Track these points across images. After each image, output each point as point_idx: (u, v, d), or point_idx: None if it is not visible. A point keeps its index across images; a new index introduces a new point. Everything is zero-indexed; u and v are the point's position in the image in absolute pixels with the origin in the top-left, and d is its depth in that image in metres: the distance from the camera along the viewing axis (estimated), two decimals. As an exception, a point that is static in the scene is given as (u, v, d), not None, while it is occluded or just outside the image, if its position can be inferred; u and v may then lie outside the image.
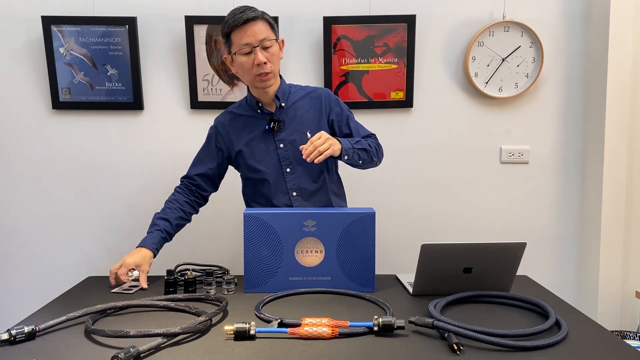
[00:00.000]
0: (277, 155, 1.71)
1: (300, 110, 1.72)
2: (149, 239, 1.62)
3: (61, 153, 2.33)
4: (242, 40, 1.57)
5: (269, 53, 1.59)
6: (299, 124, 1.71)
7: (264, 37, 1.57)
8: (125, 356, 1.01)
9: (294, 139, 1.69)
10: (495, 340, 1.10)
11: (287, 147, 1.70)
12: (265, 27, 1.58)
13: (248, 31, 1.56)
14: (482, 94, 2.31)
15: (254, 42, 1.56)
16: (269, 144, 1.71)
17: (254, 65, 1.59)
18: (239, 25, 1.55)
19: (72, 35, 2.24)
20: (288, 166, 1.71)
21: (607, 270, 2.28)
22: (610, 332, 1.23)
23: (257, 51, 1.57)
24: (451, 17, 2.30)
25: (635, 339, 2.12)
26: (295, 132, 1.70)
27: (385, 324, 1.16)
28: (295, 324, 1.20)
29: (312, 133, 1.64)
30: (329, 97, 1.76)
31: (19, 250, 2.38)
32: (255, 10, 1.58)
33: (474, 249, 1.41)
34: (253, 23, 1.56)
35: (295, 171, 1.71)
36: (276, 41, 1.62)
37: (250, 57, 1.58)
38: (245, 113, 1.74)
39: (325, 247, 1.50)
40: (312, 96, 1.74)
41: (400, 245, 2.26)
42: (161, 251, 2.37)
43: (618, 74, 2.21)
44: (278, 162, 1.71)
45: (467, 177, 2.39)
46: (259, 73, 1.60)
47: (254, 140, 1.72)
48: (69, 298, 1.48)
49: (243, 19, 1.55)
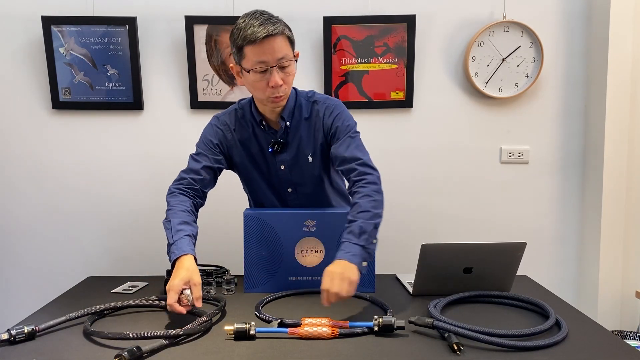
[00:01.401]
0: (278, 177, 1.61)
1: (304, 130, 1.57)
2: (184, 245, 1.36)
3: (61, 153, 2.33)
4: (259, 57, 1.37)
5: (285, 73, 1.42)
6: (302, 145, 1.57)
7: (283, 55, 1.38)
8: (128, 355, 1.01)
9: (295, 161, 1.59)
10: (495, 340, 1.10)
11: (288, 169, 1.60)
12: (285, 44, 1.39)
13: (266, 48, 1.35)
14: (482, 94, 2.31)
15: (271, 62, 1.37)
16: (270, 163, 1.60)
17: (267, 87, 1.41)
18: (259, 41, 1.34)
19: (72, 35, 2.23)
20: (289, 187, 1.63)
21: (607, 270, 2.28)
22: (610, 332, 1.23)
23: (274, 72, 1.39)
24: (451, 17, 2.30)
25: (635, 339, 2.12)
26: (298, 153, 1.58)
27: (385, 324, 1.17)
28: (295, 324, 1.20)
29: (313, 156, 1.57)
30: (329, 114, 1.55)
31: (19, 250, 2.38)
32: (276, 23, 1.37)
33: (474, 249, 1.41)
34: (273, 39, 1.35)
35: (297, 191, 1.64)
36: (294, 59, 1.44)
37: (265, 76, 1.40)
38: (250, 125, 1.59)
39: (325, 247, 1.50)
40: (314, 113, 1.57)
41: (400, 245, 2.26)
42: (161, 251, 2.38)
43: (618, 74, 2.21)
44: (279, 182, 1.62)
45: (467, 177, 2.39)
46: (273, 95, 1.43)
47: (255, 156, 1.60)
48: (69, 298, 1.48)
49: (263, 34, 1.33)
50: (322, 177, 1.63)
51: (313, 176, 1.61)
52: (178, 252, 1.34)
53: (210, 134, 1.60)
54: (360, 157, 1.46)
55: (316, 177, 1.62)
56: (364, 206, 1.37)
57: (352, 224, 1.35)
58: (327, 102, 1.57)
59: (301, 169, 1.60)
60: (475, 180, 2.39)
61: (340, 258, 1.29)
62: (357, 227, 1.33)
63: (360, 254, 1.30)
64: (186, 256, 1.33)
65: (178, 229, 1.40)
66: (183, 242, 1.37)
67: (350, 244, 1.31)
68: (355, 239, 1.32)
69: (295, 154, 1.58)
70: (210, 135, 1.60)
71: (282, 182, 1.62)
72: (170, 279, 1.27)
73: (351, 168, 1.45)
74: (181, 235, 1.38)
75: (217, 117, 1.64)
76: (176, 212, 1.46)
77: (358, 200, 1.39)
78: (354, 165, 1.45)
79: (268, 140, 1.57)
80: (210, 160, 1.56)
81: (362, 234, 1.33)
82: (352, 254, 1.29)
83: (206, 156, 1.57)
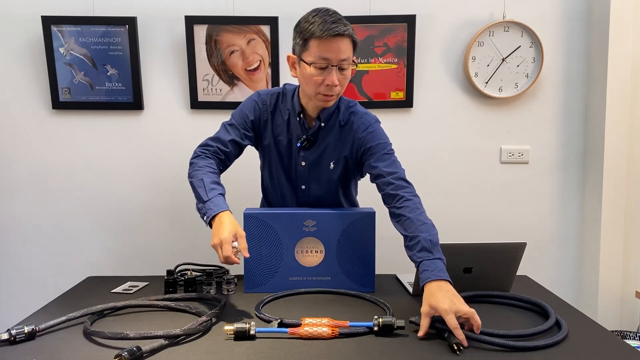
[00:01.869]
0: (297, 171, 1.62)
1: (334, 137, 1.57)
2: (221, 202, 1.39)
3: (61, 153, 2.33)
4: (323, 53, 1.39)
5: (343, 76, 1.44)
6: (327, 150, 1.58)
7: (346, 57, 1.41)
8: (128, 355, 1.01)
9: (317, 163, 1.59)
10: (496, 341, 1.10)
11: (307, 167, 1.60)
12: (349, 47, 1.42)
13: (333, 46, 1.38)
14: (482, 94, 2.31)
15: (333, 61, 1.40)
16: (293, 156, 1.61)
17: (322, 84, 1.43)
18: (326, 37, 1.37)
19: (72, 35, 2.24)
20: (303, 184, 1.64)
21: (607, 270, 2.28)
22: (610, 332, 1.23)
23: (334, 71, 1.41)
24: (451, 17, 2.30)
25: (635, 339, 2.12)
26: (322, 157, 1.59)
27: (385, 324, 1.17)
28: (295, 324, 1.20)
29: (335, 164, 1.58)
30: (363, 129, 1.55)
31: (19, 250, 2.38)
32: (347, 25, 1.40)
33: (474, 249, 1.41)
34: (340, 39, 1.38)
35: (310, 190, 1.64)
36: (354, 64, 1.47)
37: (323, 73, 1.41)
38: (286, 112, 1.59)
39: (325, 247, 1.50)
40: (349, 124, 1.56)
41: (400, 245, 2.25)
42: (161, 251, 2.39)
43: (618, 74, 2.21)
44: (295, 176, 1.63)
45: (467, 177, 2.39)
46: (325, 93, 1.44)
47: (281, 144, 1.60)
48: (69, 298, 1.48)
49: (334, 32, 1.37)
50: (337, 185, 1.64)
51: (329, 181, 1.62)
52: (216, 208, 1.36)
53: (249, 108, 1.60)
54: (396, 171, 1.48)
55: (332, 183, 1.62)
56: (419, 220, 1.35)
57: (415, 240, 1.31)
58: (364, 117, 1.57)
59: (320, 171, 1.61)
60: (475, 180, 2.39)
61: (429, 280, 1.22)
62: (427, 242, 1.29)
63: (444, 268, 1.25)
64: (225, 212, 1.36)
65: (212, 187, 1.42)
66: (219, 200, 1.39)
67: (429, 262, 1.26)
68: (431, 254, 1.28)
69: (318, 156, 1.59)
70: (248, 109, 1.60)
71: (298, 177, 1.63)
72: (215, 235, 1.29)
73: (387, 182, 1.46)
74: (215, 194, 1.40)
75: (259, 93, 1.63)
76: (206, 172, 1.47)
77: (409, 215, 1.36)
78: (390, 179, 1.45)
79: (298, 133, 1.58)
80: (240, 135, 1.57)
81: (435, 246, 1.29)
82: (439, 270, 1.24)
83: (237, 130, 1.58)
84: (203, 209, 1.39)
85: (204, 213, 1.38)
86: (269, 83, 2.29)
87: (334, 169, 1.60)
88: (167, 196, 2.37)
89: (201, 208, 1.40)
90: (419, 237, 1.30)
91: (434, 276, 1.22)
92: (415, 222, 1.34)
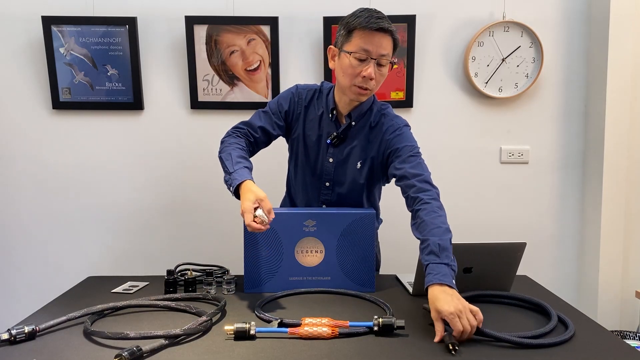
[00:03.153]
0: (323, 167, 1.63)
1: (364, 137, 1.59)
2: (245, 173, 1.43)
3: (61, 153, 2.33)
4: (365, 45, 1.43)
5: (379, 72, 1.47)
6: (355, 149, 1.60)
7: (385, 53, 1.45)
8: (128, 355, 1.01)
9: (344, 161, 1.61)
10: (503, 337, 1.11)
11: (334, 165, 1.62)
12: (390, 45, 1.46)
13: (375, 40, 1.43)
14: (482, 94, 2.31)
15: (374, 54, 1.44)
16: (320, 152, 1.63)
17: (359, 75, 1.45)
18: (370, 29, 1.42)
19: (72, 35, 2.24)
20: (328, 181, 1.64)
21: (607, 270, 2.28)
22: (610, 332, 1.23)
23: (372, 64, 1.44)
24: (451, 17, 2.30)
25: (635, 339, 2.12)
26: (349, 155, 1.60)
27: (385, 324, 1.17)
28: (295, 324, 1.20)
29: (362, 164, 1.59)
30: (392, 131, 1.57)
31: (20, 250, 2.38)
32: (391, 24, 1.46)
33: (474, 249, 1.41)
34: (383, 34, 1.44)
35: (334, 189, 1.65)
36: (391, 63, 1.50)
37: (362, 65, 1.45)
38: (320, 108, 1.62)
39: (325, 247, 1.50)
40: (379, 126, 1.59)
41: (400, 245, 2.26)
42: (161, 251, 2.39)
43: (618, 74, 2.21)
44: (321, 172, 1.64)
45: (467, 177, 2.39)
46: (360, 85, 1.47)
47: (310, 139, 1.63)
48: (69, 298, 1.48)
49: (378, 25, 1.42)
50: (362, 186, 1.64)
51: (354, 181, 1.62)
52: (240, 178, 1.41)
53: (285, 99, 1.65)
54: (421, 173, 1.47)
55: (356, 184, 1.63)
56: (433, 223, 1.33)
57: (426, 243, 1.29)
58: (394, 120, 1.60)
59: (346, 170, 1.62)
60: (475, 180, 2.39)
61: (432, 283, 1.21)
62: (435, 246, 1.27)
63: (450, 272, 1.23)
64: (247, 181, 1.41)
65: (238, 160, 1.48)
66: (243, 171, 1.44)
67: (434, 265, 1.25)
68: (438, 258, 1.26)
69: (347, 155, 1.61)
70: (284, 99, 1.65)
71: (323, 174, 1.64)
72: (241, 203, 1.34)
73: (410, 184, 1.44)
74: (241, 166, 1.46)
75: (298, 87, 1.67)
76: (235, 148, 1.53)
77: (425, 217, 1.35)
78: (414, 182, 1.44)
79: (329, 130, 1.61)
80: (271, 124, 1.62)
81: (443, 251, 1.27)
82: (443, 274, 1.22)
83: (270, 117, 1.62)
84: (229, 180, 1.44)
85: (229, 184, 1.43)
86: (269, 83, 2.29)
87: (360, 170, 1.61)
88: (167, 196, 2.37)
89: (227, 180, 1.45)
90: (429, 240, 1.29)
91: (436, 280, 1.21)
92: (428, 226, 1.32)
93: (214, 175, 2.30)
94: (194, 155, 2.34)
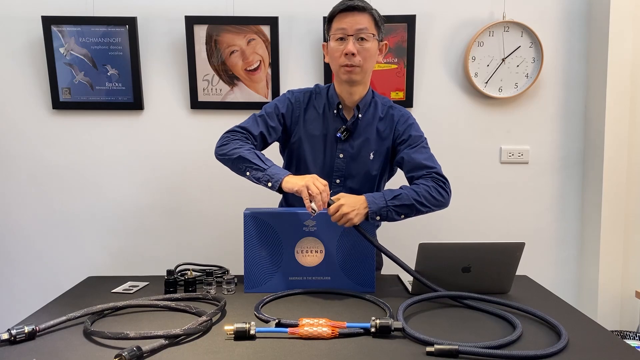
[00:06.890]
0: (333, 164, 1.63)
1: (373, 129, 1.63)
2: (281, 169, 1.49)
3: (61, 153, 2.34)
4: (339, 24, 1.51)
5: (362, 47, 1.51)
6: (368, 141, 1.62)
7: (362, 27, 1.50)
8: (128, 355, 1.01)
9: (356, 154, 1.62)
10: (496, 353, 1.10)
11: (345, 160, 1.63)
12: (367, 20, 1.51)
13: (348, 18, 1.50)
14: (482, 94, 2.31)
15: (349, 31, 1.50)
16: (328, 149, 1.63)
17: (342, 54, 1.51)
18: (342, 11, 1.51)
19: (72, 35, 2.24)
20: (339, 177, 1.64)
21: (607, 270, 2.28)
22: (610, 332, 1.23)
23: (350, 40, 1.50)
24: (451, 17, 2.30)
25: (635, 339, 2.12)
26: (361, 148, 1.62)
27: (383, 325, 1.16)
28: (293, 324, 1.20)
29: (374, 155, 1.62)
30: (404, 121, 1.64)
31: (19, 250, 2.38)
32: (365, 3, 1.52)
33: (472, 248, 1.41)
34: (356, 12, 1.50)
35: (345, 185, 1.65)
36: (375, 39, 1.54)
37: (342, 44, 1.51)
38: (321, 106, 1.64)
39: (325, 247, 1.50)
40: (388, 117, 1.65)
41: (400, 245, 2.26)
42: (161, 251, 2.39)
43: (618, 74, 2.21)
44: (330, 170, 1.64)
45: (467, 177, 2.38)
46: (345, 64, 1.52)
47: (316, 138, 1.63)
48: (69, 298, 1.48)
49: (347, 5, 1.50)
50: (374, 178, 1.66)
51: (367, 174, 1.64)
52: (281, 173, 1.45)
53: (281, 102, 1.66)
54: (434, 166, 1.57)
55: (369, 176, 1.65)
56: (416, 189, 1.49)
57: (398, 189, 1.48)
58: (402, 111, 1.68)
59: (358, 163, 1.63)
60: (475, 180, 2.39)
61: (365, 196, 1.44)
62: (397, 192, 1.47)
63: (381, 205, 1.43)
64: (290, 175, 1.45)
65: (264, 156, 1.51)
66: (276, 167, 1.48)
67: (380, 195, 1.45)
68: (385, 196, 1.45)
69: (359, 148, 1.63)
70: (280, 103, 1.65)
71: (333, 171, 1.64)
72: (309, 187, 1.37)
73: (422, 175, 1.55)
74: (271, 162, 1.50)
75: (292, 91, 1.69)
76: (249, 148, 1.53)
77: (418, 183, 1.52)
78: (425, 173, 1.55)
79: (335, 126, 1.62)
80: (267, 128, 1.61)
81: (395, 198, 1.45)
82: (373, 201, 1.43)
83: (265, 122, 1.62)
84: (265, 176, 1.46)
85: (267, 180, 1.45)
86: (269, 83, 2.29)
87: (373, 161, 1.62)
88: (167, 196, 2.37)
89: (262, 177, 1.46)
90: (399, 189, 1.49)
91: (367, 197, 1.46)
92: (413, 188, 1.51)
93: (214, 175, 2.31)
94: (194, 155, 2.34)
